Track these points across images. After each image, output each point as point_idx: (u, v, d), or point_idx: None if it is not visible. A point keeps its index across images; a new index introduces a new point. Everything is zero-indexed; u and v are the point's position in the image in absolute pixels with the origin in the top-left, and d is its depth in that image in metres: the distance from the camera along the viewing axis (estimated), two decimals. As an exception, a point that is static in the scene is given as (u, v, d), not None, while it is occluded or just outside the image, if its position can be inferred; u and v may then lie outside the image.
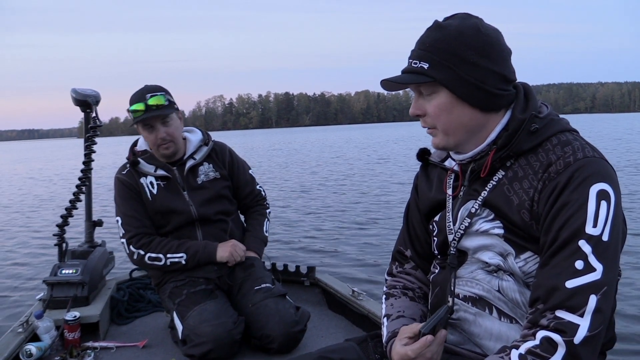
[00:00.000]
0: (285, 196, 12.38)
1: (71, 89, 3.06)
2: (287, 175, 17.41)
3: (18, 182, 20.80)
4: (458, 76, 1.33)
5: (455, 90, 1.34)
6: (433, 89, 1.37)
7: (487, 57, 1.33)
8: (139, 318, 2.99)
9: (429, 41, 1.36)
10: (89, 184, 3.22)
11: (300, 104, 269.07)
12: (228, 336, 2.38)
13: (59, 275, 2.80)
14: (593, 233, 1.19)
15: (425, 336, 1.32)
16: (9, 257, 7.45)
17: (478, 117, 1.38)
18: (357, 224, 8.65)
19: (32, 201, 13.92)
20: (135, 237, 2.65)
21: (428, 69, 1.34)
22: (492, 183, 1.39)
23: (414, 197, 1.70)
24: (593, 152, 1.29)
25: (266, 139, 61.99)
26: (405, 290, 1.65)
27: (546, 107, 1.42)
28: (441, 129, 1.40)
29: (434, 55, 1.34)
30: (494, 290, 1.38)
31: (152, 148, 2.72)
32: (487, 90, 1.34)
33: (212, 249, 2.66)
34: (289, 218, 9.43)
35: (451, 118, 1.37)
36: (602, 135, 32.73)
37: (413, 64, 1.37)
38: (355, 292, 2.82)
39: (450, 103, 1.36)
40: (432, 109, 1.38)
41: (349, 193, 12.35)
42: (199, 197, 2.72)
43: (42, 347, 2.42)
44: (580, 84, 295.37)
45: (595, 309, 1.16)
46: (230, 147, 2.98)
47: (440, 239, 1.53)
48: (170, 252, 2.62)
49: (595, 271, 1.18)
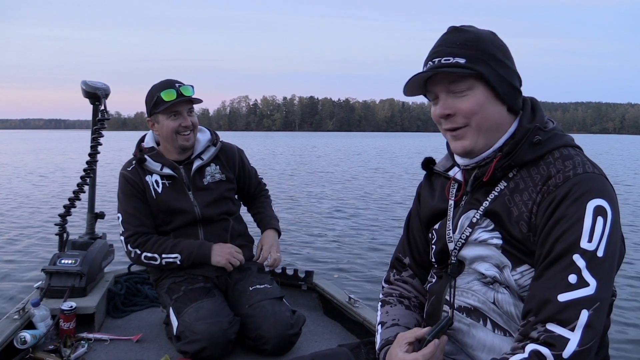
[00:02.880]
0: (292, 198, 12.47)
1: (81, 81, 3.07)
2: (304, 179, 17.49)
3: (39, 170, 21.05)
4: (495, 72, 1.35)
5: (496, 84, 1.35)
6: (469, 84, 1.35)
7: (509, 59, 1.39)
8: (135, 312, 3.00)
9: (459, 40, 1.37)
10: (94, 176, 3.23)
11: (325, 109, 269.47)
12: (223, 335, 2.38)
13: (58, 264, 2.82)
14: (588, 248, 1.20)
15: (434, 340, 1.33)
16: (12, 244, 7.53)
17: (505, 117, 1.40)
18: (363, 230, 8.70)
19: (46, 190, 14.12)
20: (133, 237, 2.65)
21: (466, 63, 1.34)
22: (494, 193, 1.40)
23: (416, 206, 1.71)
24: (593, 169, 1.29)
25: (289, 142, 62.17)
26: (401, 298, 1.66)
27: (552, 122, 1.43)
28: (475, 127, 1.38)
29: (469, 51, 1.35)
30: (489, 302, 1.38)
31: (169, 138, 2.66)
32: (516, 87, 1.39)
33: (207, 251, 2.63)
34: (292, 220, 9.47)
35: (487, 115, 1.36)
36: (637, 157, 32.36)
37: (444, 60, 1.36)
38: (352, 299, 2.82)
39: (487, 99, 1.36)
40: (469, 105, 1.36)
41: (358, 199, 12.41)
42: (203, 198, 2.71)
43: (37, 335, 2.42)
44: (609, 104, 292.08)
45: (587, 324, 1.16)
46: (238, 147, 2.96)
47: (438, 247, 1.53)
48: (165, 252, 2.62)
49: (588, 286, 1.18)
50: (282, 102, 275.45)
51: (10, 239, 7.88)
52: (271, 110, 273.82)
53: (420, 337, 1.37)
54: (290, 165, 23.79)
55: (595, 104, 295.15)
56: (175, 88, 2.58)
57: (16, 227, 8.84)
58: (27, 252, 7.02)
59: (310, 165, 24.64)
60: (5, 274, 5.97)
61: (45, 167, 22.49)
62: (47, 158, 30.11)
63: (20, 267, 6.28)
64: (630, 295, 5.46)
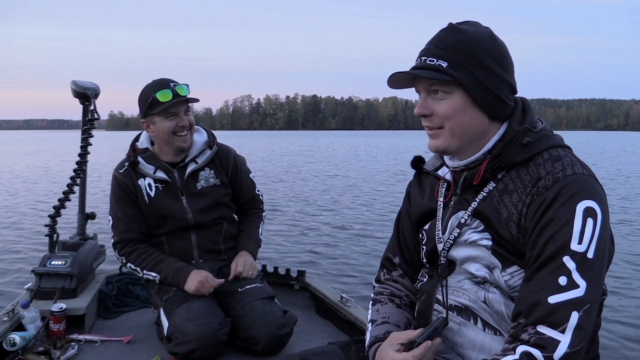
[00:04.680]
0: (284, 197, 12.44)
1: (71, 80, 3.05)
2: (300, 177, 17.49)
3: (33, 171, 21.14)
4: (477, 79, 1.33)
5: (473, 93, 1.34)
6: (448, 88, 1.35)
7: (501, 65, 1.35)
8: (125, 313, 2.98)
9: (448, 41, 1.35)
10: (84, 177, 3.21)
11: (328, 107, 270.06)
12: (213, 336, 2.36)
13: (47, 266, 2.80)
14: (578, 250, 1.20)
15: (426, 342, 1.33)
16: (1, 245, 7.49)
17: (484, 124, 1.38)
18: (355, 229, 8.72)
19: (40, 191, 14.13)
20: (120, 244, 2.64)
21: (447, 68, 1.33)
22: (482, 194, 1.39)
23: (406, 205, 1.70)
24: (583, 170, 1.29)
25: (292, 141, 62.23)
26: (392, 297, 1.66)
27: (541, 122, 1.43)
28: (448, 131, 1.38)
29: (454, 55, 1.33)
30: (479, 300, 1.38)
31: (165, 139, 2.59)
32: (499, 96, 1.35)
33: (182, 278, 2.55)
34: (284, 220, 9.47)
35: (462, 120, 1.36)
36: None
37: (429, 61, 1.36)
38: (344, 298, 2.82)
39: (464, 105, 1.35)
40: (444, 109, 1.36)
41: (350, 200, 12.40)
42: (197, 203, 2.66)
43: (27, 336, 2.41)
44: (613, 101, 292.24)
45: (577, 326, 1.16)
46: (234, 151, 2.88)
47: (429, 248, 1.53)
48: (146, 269, 2.60)
49: (578, 288, 1.18)
50: (285, 101, 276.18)
51: (2, 240, 7.86)
52: (274, 109, 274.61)
53: (413, 338, 1.37)
54: (283, 166, 23.74)
55: (599, 100, 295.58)
56: (170, 88, 2.51)
57: (5, 227, 8.81)
58: (16, 253, 7.00)
59: (307, 165, 24.63)
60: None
61: (37, 168, 22.52)
62: (41, 159, 30.15)
63: (9, 268, 6.26)
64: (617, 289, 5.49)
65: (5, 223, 9.27)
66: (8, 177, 18.68)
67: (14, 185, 15.75)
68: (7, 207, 11.15)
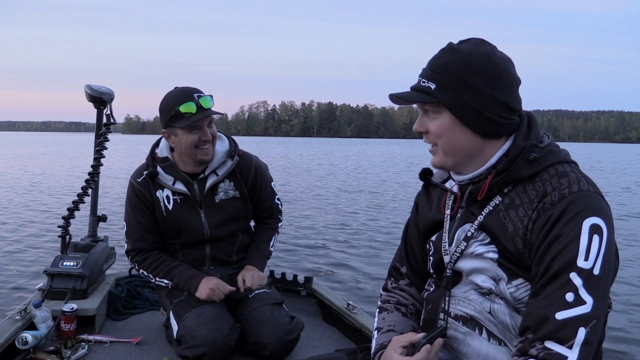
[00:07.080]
0: (297, 202, 12.45)
1: (85, 85, 3.08)
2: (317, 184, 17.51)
3: (47, 171, 21.47)
4: (462, 101, 1.35)
5: (458, 114, 1.37)
6: (437, 109, 1.39)
7: (493, 85, 1.35)
8: (135, 315, 3.02)
9: (439, 63, 1.39)
10: (97, 180, 3.25)
11: (343, 115, 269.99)
12: (223, 341, 2.38)
13: (60, 266, 2.84)
14: (584, 266, 1.21)
15: (426, 345, 1.36)
16: (15, 246, 7.59)
17: (477, 142, 1.40)
18: (365, 237, 8.70)
19: (50, 192, 14.30)
20: (132, 252, 2.66)
21: (434, 90, 1.37)
22: (489, 208, 1.41)
23: (414, 215, 1.72)
24: (588, 186, 1.30)
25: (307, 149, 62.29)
26: (398, 305, 1.67)
27: (547, 137, 1.44)
28: (441, 149, 1.43)
29: (441, 77, 1.37)
30: (485, 311, 1.40)
31: (187, 152, 2.51)
32: (488, 117, 1.36)
33: (194, 286, 2.57)
34: (296, 227, 9.47)
35: (451, 139, 1.40)
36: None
37: (422, 82, 1.41)
38: (350, 305, 2.82)
39: (452, 125, 1.38)
40: (434, 128, 1.41)
41: (362, 207, 12.41)
42: (214, 217, 2.64)
43: (38, 336, 2.45)
44: (632, 113, 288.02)
45: (584, 342, 1.18)
46: (257, 159, 2.80)
47: (436, 259, 1.54)
48: (158, 276, 2.63)
49: (585, 304, 1.19)
50: (300, 108, 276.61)
51: (13, 240, 7.96)
52: (289, 115, 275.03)
53: (415, 342, 1.39)
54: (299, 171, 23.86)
55: (617, 112, 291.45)
56: (194, 100, 2.42)
57: (19, 228, 8.92)
58: (29, 254, 7.09)
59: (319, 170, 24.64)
60: (8, 275, 6.03)
61: (51, 170, 22.78)
62: (55, 160, 30.55)
63: (22, 268, 6.34)
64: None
65: (18, 223, 9.41)
66: (26, 177, 18.94)
67: (29, 186, 15.95)
68: (22, 205, 11.32)
